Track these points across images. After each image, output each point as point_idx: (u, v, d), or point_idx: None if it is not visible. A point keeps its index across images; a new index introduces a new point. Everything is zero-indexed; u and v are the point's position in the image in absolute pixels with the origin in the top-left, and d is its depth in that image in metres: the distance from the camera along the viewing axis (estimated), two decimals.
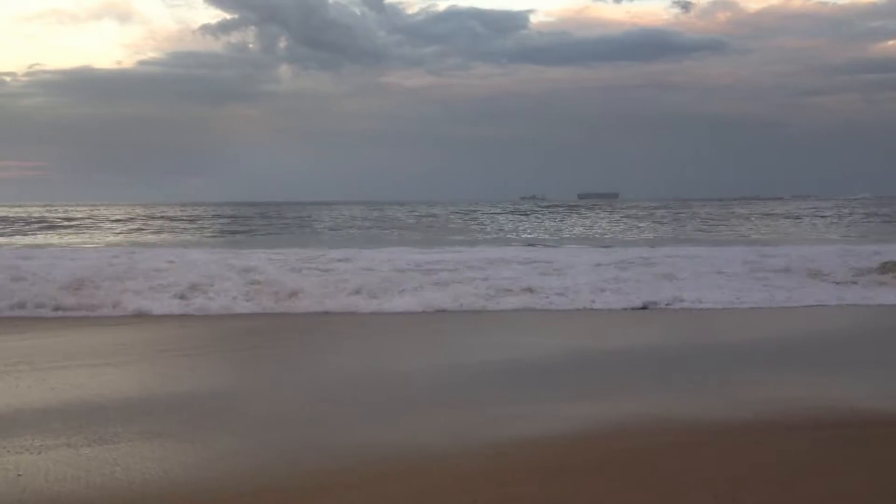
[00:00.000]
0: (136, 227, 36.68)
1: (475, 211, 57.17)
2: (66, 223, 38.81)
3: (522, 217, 49.21)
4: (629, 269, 13.37)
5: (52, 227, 36.47)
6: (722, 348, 7.85)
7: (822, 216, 47.85)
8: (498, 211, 57.89)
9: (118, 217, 45.27)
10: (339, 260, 14.48)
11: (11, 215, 45.88)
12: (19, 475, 3.85)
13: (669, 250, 17.44)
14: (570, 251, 18.57)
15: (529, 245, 22.97)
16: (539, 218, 47.63)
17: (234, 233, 33.41)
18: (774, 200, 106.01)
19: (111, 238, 29.03)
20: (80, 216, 46.45)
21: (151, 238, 29.23)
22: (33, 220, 40.89)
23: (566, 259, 14.98)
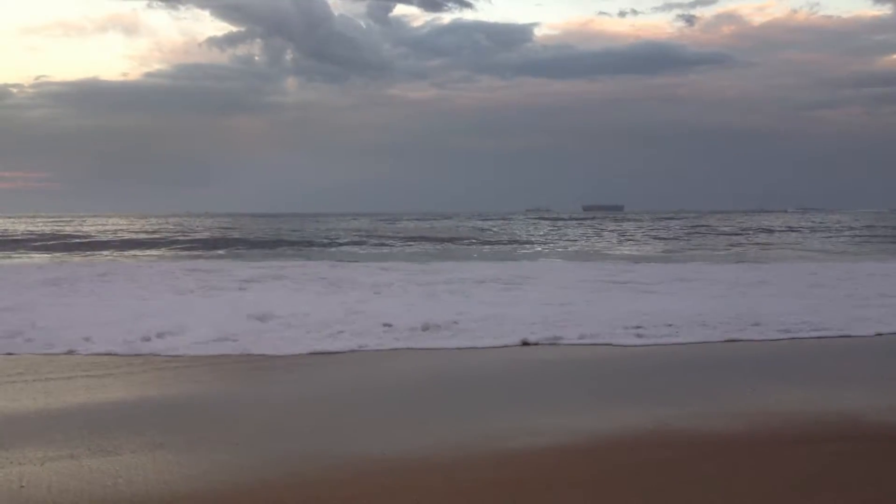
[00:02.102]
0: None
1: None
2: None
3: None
4: None
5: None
6: (723, 362, 7.80)
7: None
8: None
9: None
10: None
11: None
12: (22, 486, 3.86)
13: None
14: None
15: None
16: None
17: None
18: (780, 213, 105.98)
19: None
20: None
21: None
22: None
23: None
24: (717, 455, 4.45)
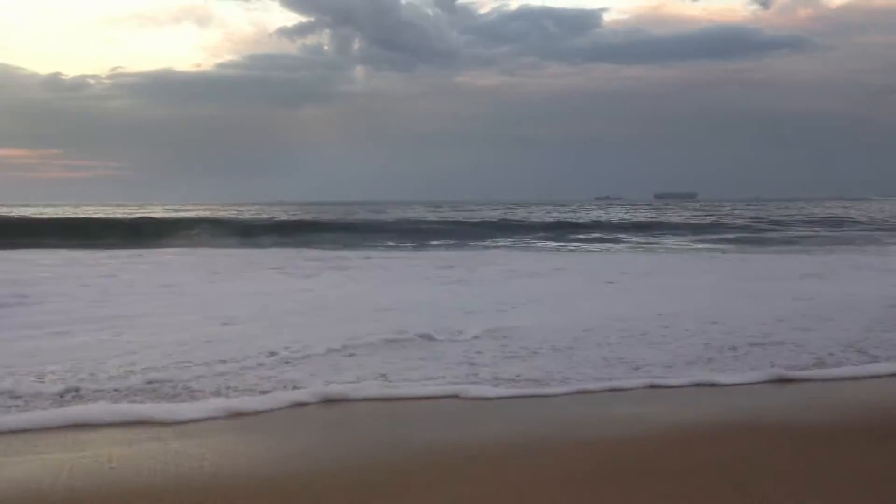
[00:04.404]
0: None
1: None
2: None
3: None
4: None
5: None
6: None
7: None
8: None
9: None
10: None
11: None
12: (112, 467, 3.95)
13: None
14: None
15: None
16: None
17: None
18: (862, 201, 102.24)
19: None
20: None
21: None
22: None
23: None
24: (810, 448, 4.28)
